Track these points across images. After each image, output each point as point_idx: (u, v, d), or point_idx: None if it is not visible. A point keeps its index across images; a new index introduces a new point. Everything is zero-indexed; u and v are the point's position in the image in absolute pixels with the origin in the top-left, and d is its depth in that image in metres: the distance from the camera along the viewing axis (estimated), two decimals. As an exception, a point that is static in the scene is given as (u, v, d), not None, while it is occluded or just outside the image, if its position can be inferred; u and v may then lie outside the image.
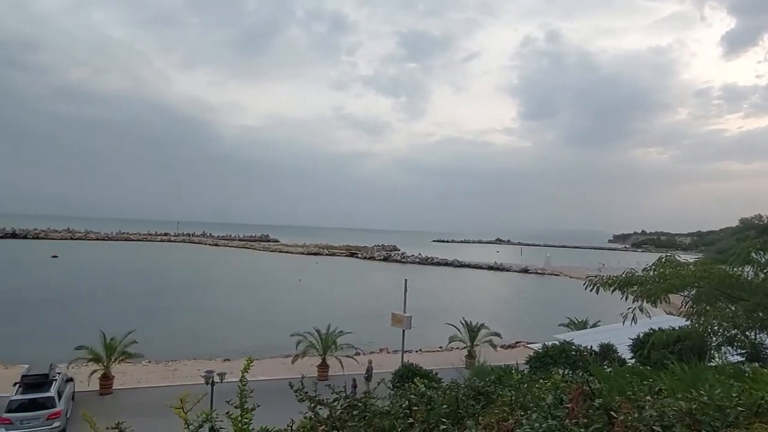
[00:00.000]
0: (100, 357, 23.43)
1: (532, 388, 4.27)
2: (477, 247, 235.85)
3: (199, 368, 25.72)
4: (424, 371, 19.19)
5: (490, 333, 31.37)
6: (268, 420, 7.95)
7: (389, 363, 29.43)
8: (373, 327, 38.47)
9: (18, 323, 39.59)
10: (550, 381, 4.64)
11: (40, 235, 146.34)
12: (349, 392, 22.80)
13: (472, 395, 3.70)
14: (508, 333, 37.96)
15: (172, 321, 42.18)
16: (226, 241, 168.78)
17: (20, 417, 17.72)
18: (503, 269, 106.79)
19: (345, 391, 6.62)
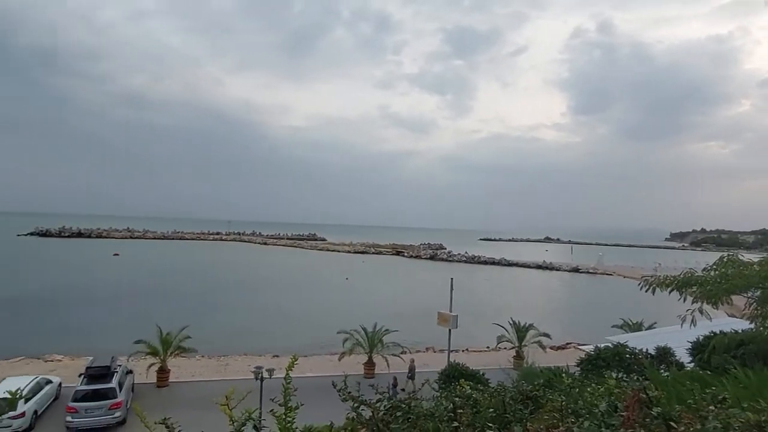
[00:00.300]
0: (157, 351, 24.42)
1: (584, 393, 3.99)
2: (525, 245, 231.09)
3: (249, 364, 26.36)
4: (471, 371, 18.92)
5: (538, 333, 30.59)
6: (315, 417, 8.02)
7: (435, 362, 29.24)
8: (418, 326, 38.32)
9: (83, 317, 41.94)
10: (603, 386, 4.31)
11: (102, 234, 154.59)
12: (390, 391, 22.90)
13: (520, 399, 3.46)
14: (557, 334, 36.94)
15: (223, 317, 43.47)
16: (275, 240, 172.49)
17: (85, 406, 18.71)
18: (552, 268, 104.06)
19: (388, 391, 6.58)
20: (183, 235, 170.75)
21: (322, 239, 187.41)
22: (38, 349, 30.63)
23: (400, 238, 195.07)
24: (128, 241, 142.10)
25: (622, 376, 14.19)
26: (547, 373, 16.68)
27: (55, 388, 21.72)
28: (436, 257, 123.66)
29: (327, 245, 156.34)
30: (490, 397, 3.64)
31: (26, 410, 18.58)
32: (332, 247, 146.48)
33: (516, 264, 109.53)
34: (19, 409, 18.29)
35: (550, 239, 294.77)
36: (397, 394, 23.42)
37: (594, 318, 49.00)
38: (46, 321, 39.96)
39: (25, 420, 18.44)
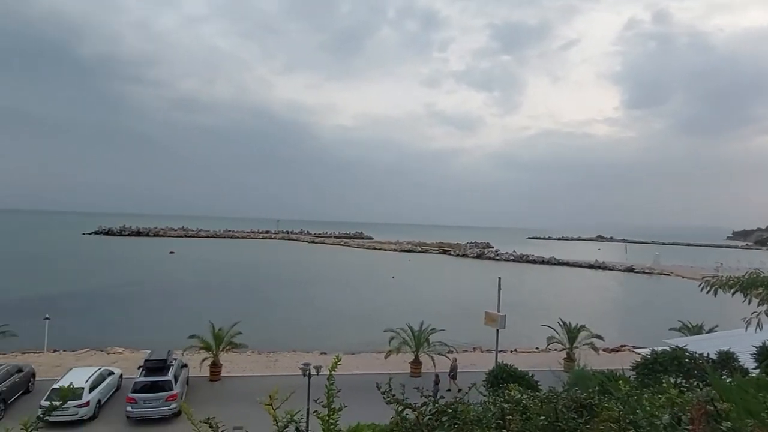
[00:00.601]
0: (209, 346, 25.24)
1: (642, 401, 3.69)
2: (576, 244, 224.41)
3: (298, 360, 26.82)
4: (520, 373, 18.47)
5: (591, 335, 29.56)
6: (362, 415, 8.04)
7: (482, 362, 28.80)
8: (465, 325, 37.88)
9: (141, 312, 43.97)
10: (664, 395, 3.95)
11: (159, 233, 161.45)
12: (433, 388, 22.78)
13: (573, 407, 3.21)
14: (611, 336, 35.62)
15: (273, 314, 44.47)
16: (322, 239, 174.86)
17: (143, 397, 19.56)
18: (605, 268, 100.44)
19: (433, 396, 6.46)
20: (234, 234, 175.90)
21: (368, 238, 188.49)
22: (102, 341, 32.33)
23: (446, 237, 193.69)
24: (183, 240, 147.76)
25: (681, 381, 13.51)
26: (600, 377, 16.07)
27: (116, 379, 22.80)
28: (483, 256, 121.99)
29: (373, 244, 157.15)
30: (540, 404, 3.43)
31: (90, 399, 19.60)
32: (379, 246, 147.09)
33: (566, 263, 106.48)
34: (84, 398, 19.33)
35: (603, 238, 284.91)
36: (439, 392, 23.40)
37: (650, 320, 46.98)
38: (109, 315, 42.14)
39: (90, 409, 19.45)
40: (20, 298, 46.16)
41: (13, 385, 21.06)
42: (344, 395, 12.12)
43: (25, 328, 29.15)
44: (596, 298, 62.53)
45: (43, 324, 29.49)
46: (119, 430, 18.98)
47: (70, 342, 31.46)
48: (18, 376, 21.68)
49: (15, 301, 44.78)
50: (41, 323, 29.59)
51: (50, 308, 34.77)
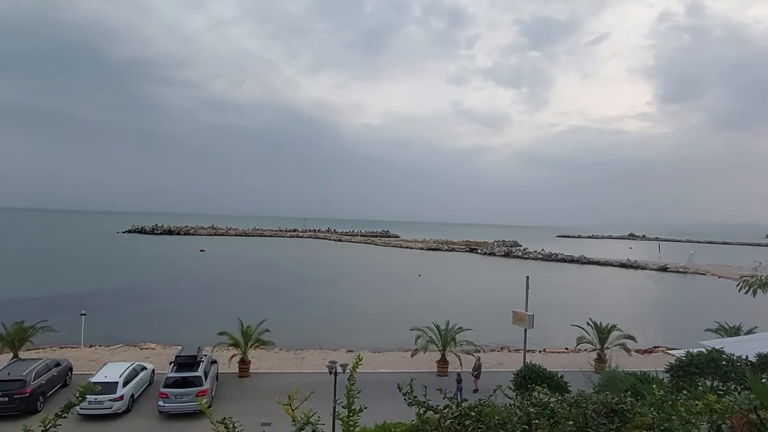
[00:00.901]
0: (238, 342, 25.60)
1: (678, 407, 3.43)
2: (607, 242, 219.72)
3: (324, 358, 26.97)
4: (548, 373, 18.20)
5: (622, 335, 28.87)
6: (388, 413, 8.02)
7: (510, 362, 28.48)
8: (492, 324, 37.52)
9: (172, 309, 44.95)
10: (702, 401, 3.63)
11: (190, 232, 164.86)
12: (455, 386, 22.79)
13: (604, 412, 3.08)
14: (643, 336, 34.80)
15: (300, 311, 44.83)
16: (349, 237, 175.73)
17: (175, 392, 19.97)
18: (637, 267, 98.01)
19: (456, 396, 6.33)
20: (262, 232, 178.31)
21: (395, 236, 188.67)
22: (135, 337, 33.17)
23: (473, 235, 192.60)
24: (212, 238, 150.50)
25: (717, 384, 13.08)
26: (632, 379, 15.71)
27: (149, 374, 23.35)
28: (510, 254, 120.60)
29: (400, 242, 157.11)
30: (569, 407, 3.29)
31: (124, 394, 20.13)
32: (405, 244, 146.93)
33: (597, 262, 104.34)
34: (118, 392, 19.86)
35: (635, 236, 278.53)
36: (462, 390, 23.31)
37: (684, 320, 45.68)
38: (142, 311, 43.18)
39: (124, 402, 19.97)
40: (58, 295, 47.76)
41: (52, 379, 21.77)
42: (370, 393, 12.11)
43: (63, 323, 30.11)
44: (628, 298, 61.06)
45: (80, 320, 30.43)
46: (152, 424, 19.41)
47: (105, 337, 32.37)
48: (56, 370, 22.42)
49: (53, 297, 46.36)
50: (78, 319, 30.54)
51: (86, 304, 35.87)
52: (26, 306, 39.01)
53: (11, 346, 25.38)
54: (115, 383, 20.04)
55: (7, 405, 19.09)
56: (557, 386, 17.24)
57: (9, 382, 19.54)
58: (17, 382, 19.60)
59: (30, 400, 19.48)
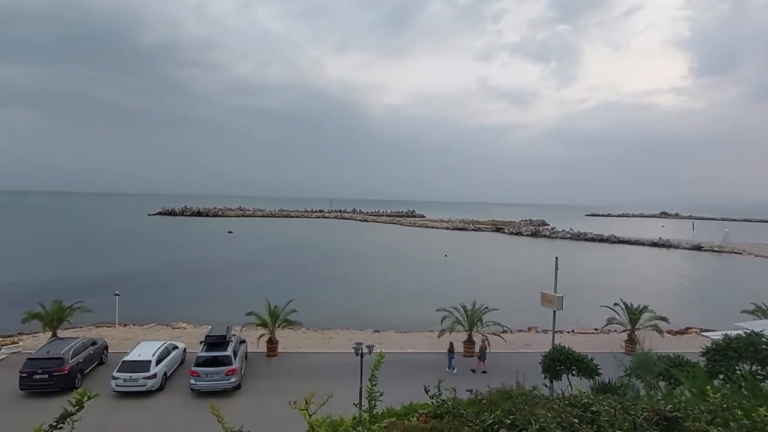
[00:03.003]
0: (266, 322, 25.94)
1: (735, 412, 3.03)
2: (638, 221, 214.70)
3: (351, 338, 27.18)
4: (578, 355, 17.87)
5: (654, 317, 28.20)
6: (414, 395, 7.93)
7: (538, 343, 28.20)
8: (520, 305, 37.15)
9: (202, 289, 45.86)
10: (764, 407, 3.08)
11: (218, 213, 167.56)
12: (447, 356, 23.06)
13: (655, 420, 2.75)
14: (675, 318, 33.93)
15: (326, 292, 45.21)
16: (375, 217, 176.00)
17: (205, 371, 20.41)
18: (670, 246, 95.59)
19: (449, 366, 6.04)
20: (288, 213, 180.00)
21: (420, 216, 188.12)
22: (167, 316, 34.03)
23: (500, 215, 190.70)
24: (240, 219, 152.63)
25: (756, 369, 12.60)
26: (665, 362, 15.29)
27: (180, 353, 23.91)
28: (538, 234, 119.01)
29: (425, 222, 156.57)
30: (614, 412, 3.01)
31: (157, 372, 20.66)
32: (431, 224, 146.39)
33: (627, 241, 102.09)
34: (151, 370, 20.40)
35: (667, 214, 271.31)
36: (452, 359, 23.77)
37: (719, 301, 44.47)
38: (173, 292, 44.19)
39: (157, 380, 20.51)
40: (93, 276, 49.21)
41: (89, 357, 22.50)
42: (397, 374, 12.07)
43: (98, 303, 31.00)
44: (660, 278, 59.65)
45: (114, 300, 31.28)
46: (184, 401, 19.90)
47: (138, 317, 33.27)
48: (93, 349, 23.16)
49: (88, 278, 47.80)
50: (112, 299, 31.40)
51: (120, 285, 36.84)
52: (63, 287, 40.35)
53: (50, 326, 26.30)
54: (149, 362, 20.59)
55: (47, 382, 19.82)
56: (587, 369, 16.95)
57: (49, 360, 20.25)
58: (56, 360, 20.30)
59: (68, 377, 20.16)
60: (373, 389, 3.16)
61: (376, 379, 3.28)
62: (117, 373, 20.05)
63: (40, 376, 19.82)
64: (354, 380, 16.02)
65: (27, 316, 25.92)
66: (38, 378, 19.80)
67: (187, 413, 18.58)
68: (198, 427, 16.57)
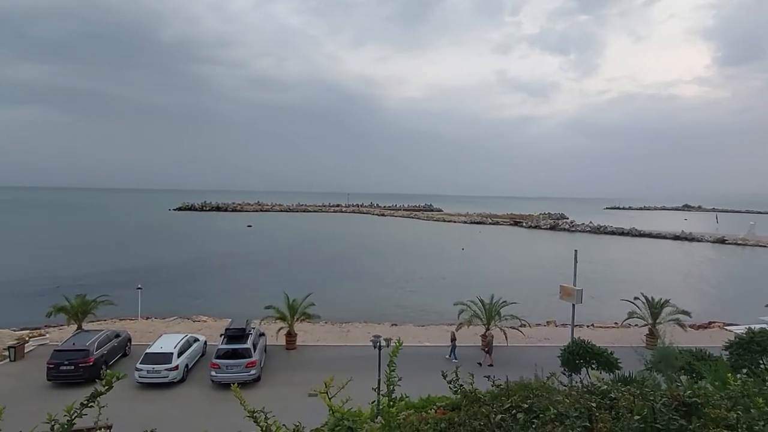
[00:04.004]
0: (284, 316, 26.21)
1: (757, 400, 2.99)
2: (659, 214, 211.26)
3: (369, 331, 27.30)
4: (597, 349, 17.74)
5: (676, 310, 27.74)
6: (432, 387, 7.96)
7: (556, 337, 28.02)
8: (539, 299, 36.93)
9: (222, 283, 46.47)
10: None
11: (237, 208, 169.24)
12: (450, 345, 23.28)
13: (674, 405, 2.72)
14: (698, 312, 33.37)
15: (344, 285, 45.48)
16: (392, 211, 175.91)
17: (226, 363, 20.73)
18: (693, 239, 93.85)
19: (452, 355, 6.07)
20: (306, 208, 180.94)
21: (438, 210, 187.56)
22: (188, 309, 34.57)
23: (518, 208, 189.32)
24: (258, 214, 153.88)
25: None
26: (687, 356, 15.10)
27: (201, 346, 24.31)
28: (557, 227, 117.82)
29: (443, 216, 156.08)
30: (633, 399, 2.99)
31: (179, 364, 21.05)
32: (448, 218, 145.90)
33: (649, 234, 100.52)
34: (173, 362, 20.79)
35: (690, 207, 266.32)
36: (455, 348, 23.88)
37: (743, 295, 43.60)
38: (194, 285, 44.88)
39: (179, 372, 20.91)
40: (116, 270, 50.21)
41: (113, 349, 23.02)
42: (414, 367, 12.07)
43: (121, 297, 31.61)
44: (682, 272, 58.66)
45: (137, 293, 31.91)
46: (205, 392, 20.24)
47: (160, 310, 33.87)
48: (117, 341, 23.68)
49: (111, 272, 48.78)
50: (135, 293, 32.04)
51: (142, 279, 37.53)
52: (87, 281, 41.27)
53: (75, 318, 26.92)
54: (171, 354, 20.99)
55: (73, 373, 20.33)
56: (607, 363, 16.82)
57: (74, 352, 20.78)
58: (82, 351, 20.82)
59: (93, 368, 20.64)
60: (392, 374, 3.20)
61: (395, 365, 3.33)
62: (140, 364, 20.48)
63: (67, 367, 20.34)
64: (372, 372, 16.11)
65: (53, 309, 26.57)
66: (65, 369, 20.34)
67: (208, 404, 18.90)
68: (219, 417, 16.86)
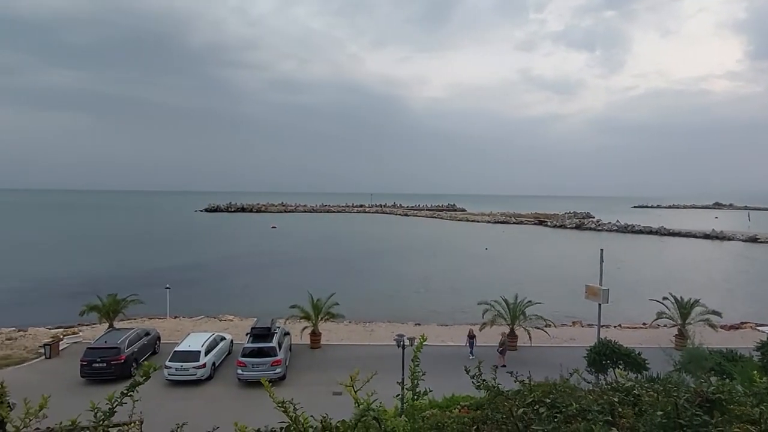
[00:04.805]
0: (309, 315, 26.47)
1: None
2: (689, 212, 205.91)
3: (393, 331, 27.35)
4: (625, 350, 17.46)
5: (707, 311, 27.06)
6: (457, 386, 8.02)
7: (583, 337, 27.64)
8: (564, 299, 36.47)
9: (248, 282, 47.12)
10: None
11: (261, 209, 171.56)
12: (467, 342, 23.21)
13: (697, 402, 2.69)
14: (729, 312, 32.50)
15: (368, 285, 45.65)
16: (415, 211, 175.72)
17: (252, 361, 21.05)
18: (724, 238, 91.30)
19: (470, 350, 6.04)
20: (329, 209, 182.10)
21: (461, 210, 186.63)
22: (214, 309, 35.17)
23: (542, 207, 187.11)
24: (282, 215, 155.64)
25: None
26: (717, 357, 14.76)
27: (228, 344, 24.72)
28: (582, 226, 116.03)
29: (466, 215, 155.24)
30: (656, 395, 2.98)
31: (207, 362, 21.46)
32: (471, 218, 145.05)
33: (678, 233, 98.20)
34: (201, 360, 21.20)
35: (721, 205, 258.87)
36: (473, 345, 23.75)
37: (778, 295, 42.28)
38: (220, 285, 45.66)
39: (206, 370, 21.31)
40: (145, 270, 51.39)
41: (143, 347, 23.60)
42: (438, 367, 12.06)
43: (150, 296, 32.31)
44: (713, 271, 57.16)
45: (165, 293, 32.62)
46: (232, 390, 20.59)
47: (188, 309, 34.56)
48: (146, 339, 24.28)
49: (141, 272, 49.95)
50: (163, 292, 32.74)
51: (170, 279, 38.29)
52: (117, 280, 42.35)
53: (107, 317, 27.67)
54: (198, 352, 21.41)
55: (105, 370, 20.93)
56: (635, 363, 16.56)
57: (106, 350, 21.38)
58: (113, 349, 21.41)
59: (125, 365, 21.21)
60: (416, 369, 3.26)
61: (418, 359, 3.39)
62: (169, 362, 20.94)
63: (99, 364, 20.95)
64: (396, 372, 16.19)
65: (85, 308, 27.36)
66: (97, 366, 20.95)
67: (235, 402, 19.22)
68: (245, 414, 17.09)
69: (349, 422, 2.56)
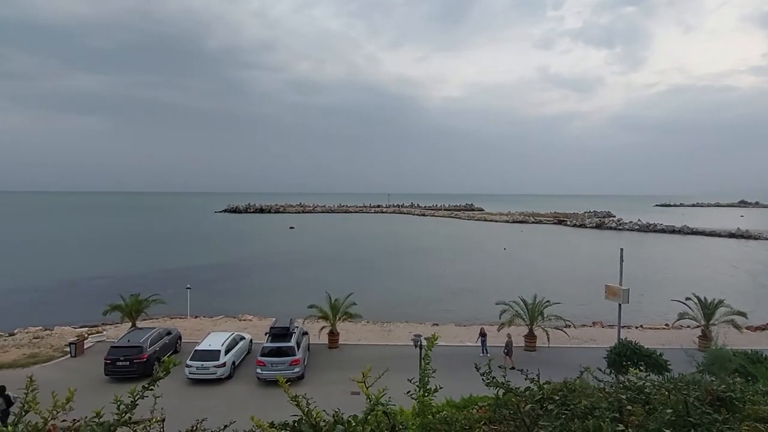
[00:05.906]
0: (327, 315, 26.63)
1: None
2: (713, 211, 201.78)
3: (410, 331, 27.39)
4: (645, 351, 17.22)
5: (731, 311, 26.50)
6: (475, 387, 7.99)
7: (603, 338, 27.30)
8: (584, 299, 36.07)
9: (266, 282, 47.58)
10: None
11: (279, 210, 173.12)
12: (478, 340, 23.18)
13: (708, 400, 2.69)
14: (755, 313, 31.80)
15: (386, 285, 45.68)
16: (433, 211, 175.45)
17: (270, 360, 21.27)
18: (750, 237, 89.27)
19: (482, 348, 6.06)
20: (347, 209, 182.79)
21: (479, 209, 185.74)
22: (234, 308, 35.59)
23: (562, 207, 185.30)
24: (300, 216, 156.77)
25: None
26: (741, 358, 14.47)
27: (247, 344, 25.00)
28: (603, 226, 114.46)
29: (484, 215, 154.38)
30: (667, 393, 2.96)
31: (226, 361, 21.74)
32: (489, 217, 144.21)
33: (702, 232, 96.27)
34: (221, 359, 21.49)
35: (747, 203, 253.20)
36: (485, 343, 23.67)
37: (807, 296, 41.15)
38: (239, 285, 46.15)
39: (226, 369, 21.59)
40: (166, 270, 52.24)
41: (165, 346, 24.00)
42: (455, 367, 12.04)
43: (171, 296, 32.88)
44: (738, 271, 55.91)
45: (186, 293, 33.13)
46: (251, 389, 20.83)
47: (208, 309, 35.03)
48: (168, 338, 24.71)
49: (162, 272, 50.79)
50: (184, 292, 33.27)
51: (190, 279, 38.91)
52: (139, 280, 43.12)
53: (130, 317, 28.22)
54: (218, 351, 21.71)
55: (128, 368, 21.35)
56: (656, 364, 16.34)
57: (129, 348, 21.81)
58: (136, 348, 21.83)
59: (147, 364, 21.60)
60: (427, 367, 3.30)
61: (430, 358, 3.43)
62: (190, 361, 21.26)
63: (122, 363, 21.38)
64: (413, 372, 16.21)
65: (109, 308, 27.93)
66: (120, 365, 21.38)
67: (254, 400, 19.44)
68: (264, 412, 17.24)
69: (360, 417, 2.61)
